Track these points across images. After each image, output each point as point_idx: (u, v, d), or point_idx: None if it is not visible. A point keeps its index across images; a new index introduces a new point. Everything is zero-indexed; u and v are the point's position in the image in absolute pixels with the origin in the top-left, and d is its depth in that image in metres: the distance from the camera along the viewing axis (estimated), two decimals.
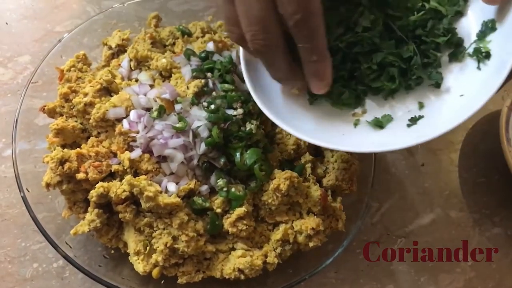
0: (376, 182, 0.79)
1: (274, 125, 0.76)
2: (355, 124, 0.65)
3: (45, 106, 0.78)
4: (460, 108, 0.57)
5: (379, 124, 0.64)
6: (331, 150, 0.78)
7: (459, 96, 0.60)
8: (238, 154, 0.70)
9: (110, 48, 0.87)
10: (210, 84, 0.77)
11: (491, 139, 0.93)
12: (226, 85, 0.76)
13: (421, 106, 0.63)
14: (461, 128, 0.94)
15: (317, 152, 0.80)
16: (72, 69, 0.82)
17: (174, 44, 0.87)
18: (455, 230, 0.86)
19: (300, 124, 0.64)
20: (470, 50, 0.61)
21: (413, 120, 0.62)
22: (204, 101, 0.74)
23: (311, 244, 0.71)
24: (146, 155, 0.71)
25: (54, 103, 0.79)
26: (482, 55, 0.59)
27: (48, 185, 0.70)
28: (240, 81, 0.77)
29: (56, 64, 0.83)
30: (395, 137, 0.61)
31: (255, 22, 0.53)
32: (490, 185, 0.91)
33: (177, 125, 0.71)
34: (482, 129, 0.95)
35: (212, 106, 0.72)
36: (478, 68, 0.60)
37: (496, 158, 0.86)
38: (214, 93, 0.76)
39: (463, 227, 0.87)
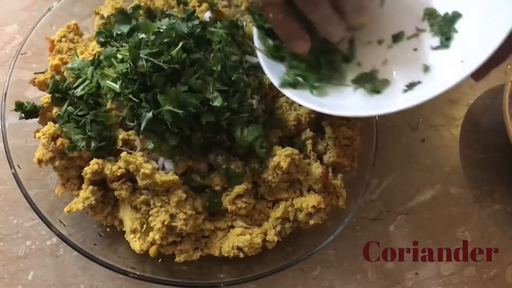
0: (377, 158, 0.77)
1: (274, 101, 0.74)
2: (356, 88, 0.66)
3: (35, 78, 0.75)
4: (456, 70, 0.56)
5: (375, 89, 0.64)
6: (332, 126, 0.76)
7: (460, 62, 0.58)
8: (238, 131, 0.67)
9: (102, 17, 0.83)
10: None
11: (493, 115, 0.91)
12: None
13: (426, 69, 0.62)
14: (463, 103, 0.93)
15: (318, 128, 0.77)
16: (63, 39, 0.78)
17: None
18: (455, 207, 0.85)
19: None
20: None
21: (410, 86, 0.61)
22: None
23: (311, 222, 0.70)
24: None
25: (44, 75, 0.75)
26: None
27: (40, 161, 0.68)
28: None
29: (46, 34, 0.80)
30: (392, 101, 0.61)
31: None
32: (491, 162, 0.89)
33: None
34: (484, 104, 0.93)
35: None
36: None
37: (498, 134, 0.85)
38: None
39: (463, 203, 0.86)
